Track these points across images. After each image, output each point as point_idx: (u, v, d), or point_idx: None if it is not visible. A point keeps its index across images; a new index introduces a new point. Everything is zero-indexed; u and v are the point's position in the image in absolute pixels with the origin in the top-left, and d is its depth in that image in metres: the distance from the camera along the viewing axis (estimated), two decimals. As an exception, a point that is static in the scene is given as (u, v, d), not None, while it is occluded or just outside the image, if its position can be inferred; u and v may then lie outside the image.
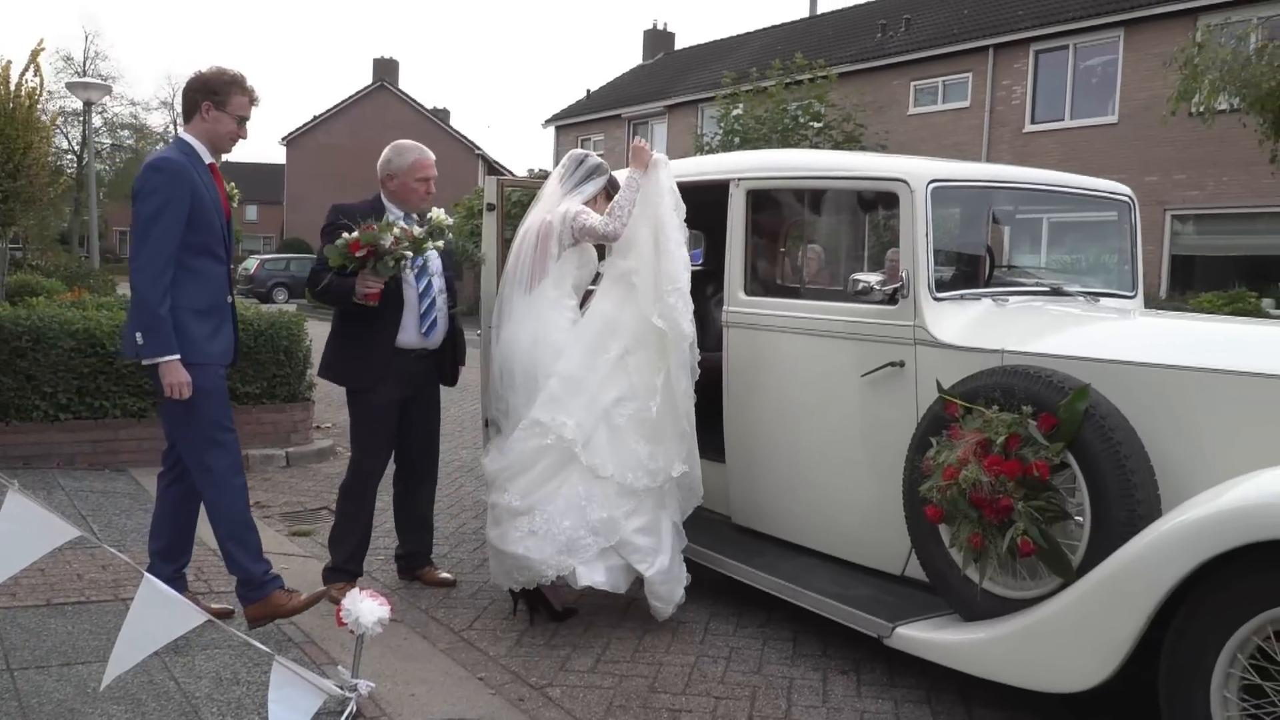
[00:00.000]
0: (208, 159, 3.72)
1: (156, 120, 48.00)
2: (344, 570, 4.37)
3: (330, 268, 4.10)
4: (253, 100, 3.80)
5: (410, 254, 4.08)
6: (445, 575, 4.73)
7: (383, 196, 4.34)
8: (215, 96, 3.70)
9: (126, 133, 46.31)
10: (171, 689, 3.27)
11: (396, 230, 4.03)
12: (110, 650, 2.83)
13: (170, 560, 3.85)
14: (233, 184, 3.96)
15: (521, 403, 4.10)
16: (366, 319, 4.20)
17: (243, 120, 3.78)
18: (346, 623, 3.08)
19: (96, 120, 38.85)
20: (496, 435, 4.32)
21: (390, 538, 5.30)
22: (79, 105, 27.52)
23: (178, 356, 3.53)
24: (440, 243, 4.29)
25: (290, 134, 52.80)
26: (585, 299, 4.37)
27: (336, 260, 4.04)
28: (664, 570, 4.03)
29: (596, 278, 4.39)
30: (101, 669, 2.91)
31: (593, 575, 3.95)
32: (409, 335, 4.30)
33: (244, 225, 55.33)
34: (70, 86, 19.58)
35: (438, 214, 4.32)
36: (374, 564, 4.84)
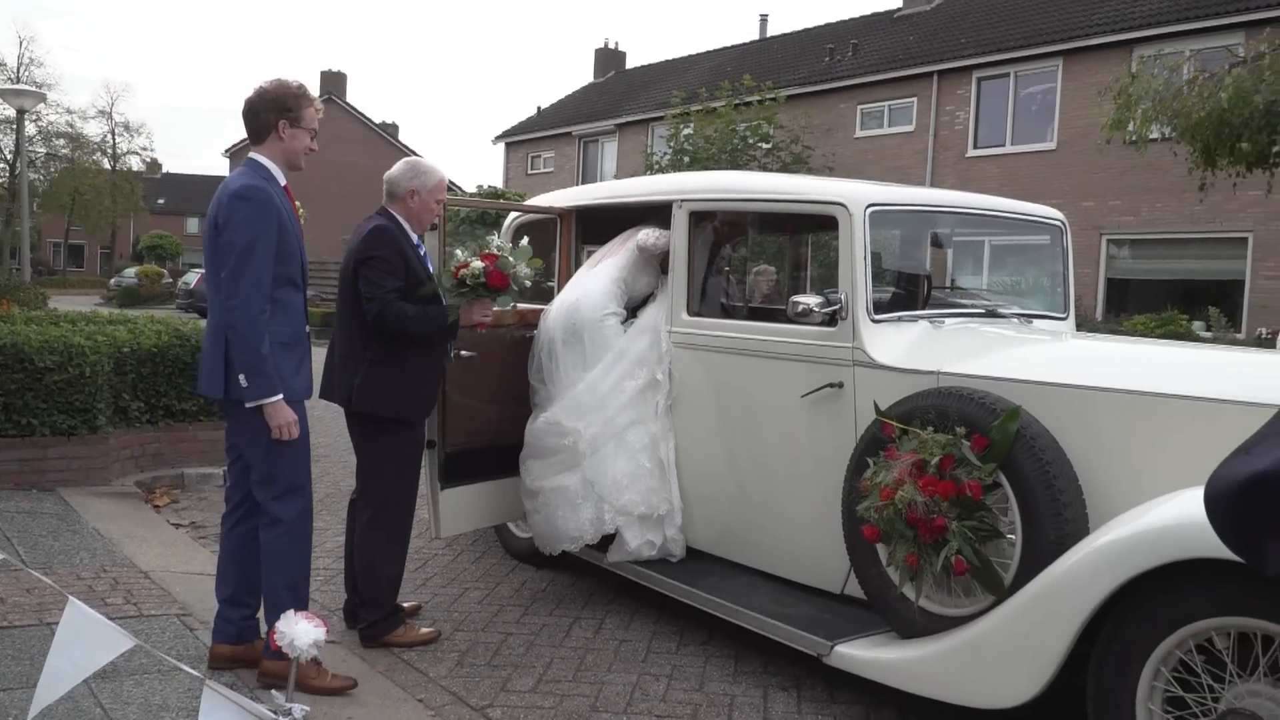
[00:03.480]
0: (282, 180, 3.54)
1: (94, 129, 47.20)
2: (398, 611, 4.22)
3: (422, 296, 3.97)
4: (318, 110, 3.64)
5: (529, 282, 4.08)
6: (427, 630, 4.28)
7: (396, 214, 4.08)
8: (290, 113, 3.51)
9: (62, 141, 45.46)
10: (98, 716, 3.19)
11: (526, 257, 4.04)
12: (34, 676, 2.76)
13: (239, 606, 3.65)
14: (299, 204, 3.79)
15: (556, 367, 4.57)
16: (424, 347, 4.04)
17: (314, 134, 3.62)
18: (281, 645, 3.03)
19: (30, 128, 38.03)
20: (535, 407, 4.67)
21: (331, 558, 5.25)
22: (12, 113, 26.89)
23: (281, 396, 3.40)
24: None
25: (234, 146, 52.12)
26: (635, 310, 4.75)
27: (451, 287, 3.96)
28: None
29: (647, 301, 4.72)
30: (25, 696, 2.84)
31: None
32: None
33: (184, 238, 54.56)
34: (2, 94, 19.10)
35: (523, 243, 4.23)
36: (313, 586, 4.76)
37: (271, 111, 3.50)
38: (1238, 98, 9.61)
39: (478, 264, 3.96)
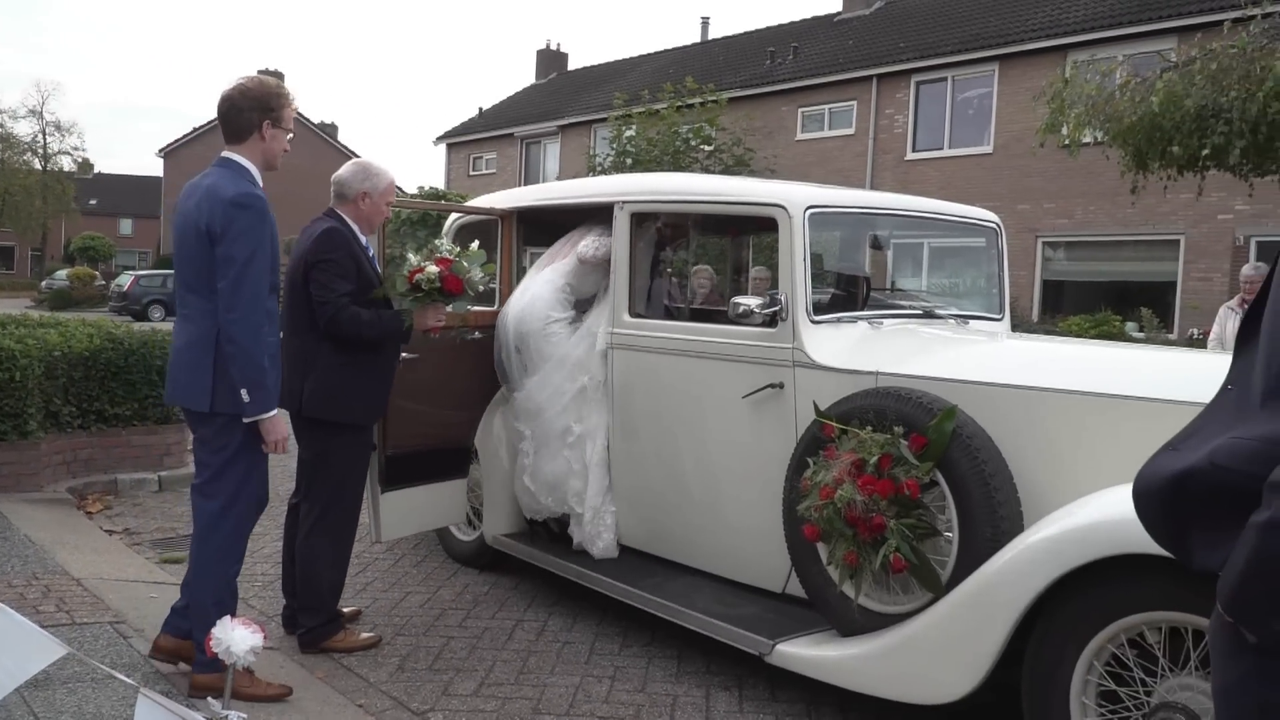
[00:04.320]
0: (260, 181, 3.45)
1: (24, 129, 46.11)
2: (339, 616, 4.16)
3: (376, 299, 3.94)
4: (295, 109, 3.56)
5: (482, 286, 4.07)
6: (367, 635, 4.21)
7: (345, 216, 4.03)
8: (273, 113, 3.43)
9: (-10, 141, 44.35)
10: (28, 726, 3.12)
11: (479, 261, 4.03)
12: (-40, 687, 2.69)
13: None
14: None
15: (510, 371, 4.77)
16: (377, 350, 3.99)
17: (291, 133, 3.56)
18: (217, 652, 2.98)
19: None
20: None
21: (269, 563, 5.17)
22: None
23: (277, 410, 3.37)
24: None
25: (169, 145, 51.18)
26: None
27: (406, 292, 3.92)
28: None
29: (591, 302, 4.77)
30: (-50, 707, 2.76)
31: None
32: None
33: (117, 239, 53.40)
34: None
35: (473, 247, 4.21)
36: (250, 590, 4.70)
37: (255, 110, 3.42)
38: (1168, 102, 9.83)
39: (433, 268, 3.94)
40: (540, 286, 4.77)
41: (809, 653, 3.46)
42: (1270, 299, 1.47)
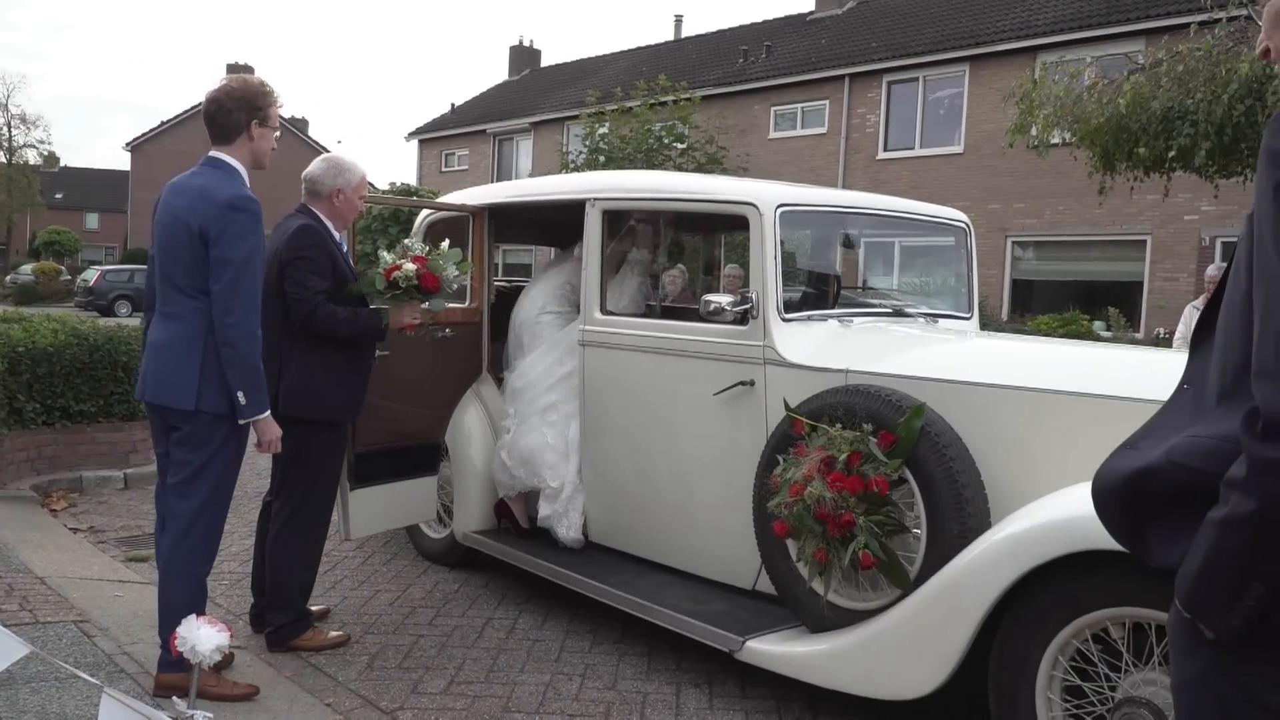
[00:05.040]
0: (248, 181, 3.44)
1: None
2: (307, 615, 4.13)
3: (354, 295, 3.92)
4: (281, 108, 3.56)
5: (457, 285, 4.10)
6: (336, 634, 4.19)
7: (319, 213, 4.00)
8: (260, 112, 3.42)
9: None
10: (-11, 727, 3.08)
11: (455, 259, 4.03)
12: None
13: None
14: None
15: (510, 359, 5.03)
16: (352, 348, 3.97)
17: (276, 131, 3.55)
18: (182, 650, 2.95)
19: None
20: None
21: (236, 561, 5.13)
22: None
23: (269, 411, 3.39)
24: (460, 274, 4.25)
25: (136, 139, 50.61)
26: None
27: (384, 290, 3.91)
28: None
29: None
30: (-92, 708, 2.72)
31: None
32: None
33: (83, 234, 52.72)
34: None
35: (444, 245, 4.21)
36: (217, 589, 4.66)
37: (243, 111, 3.42)
38: (1135, 104, 9.94)
39: (410, 266, 3.93)
40: (543, 283, 5.09)
41: (779, 649, 3.47)
42: (1225, 299, 1.48)
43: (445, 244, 4.18)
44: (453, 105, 34.57)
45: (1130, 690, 2.68)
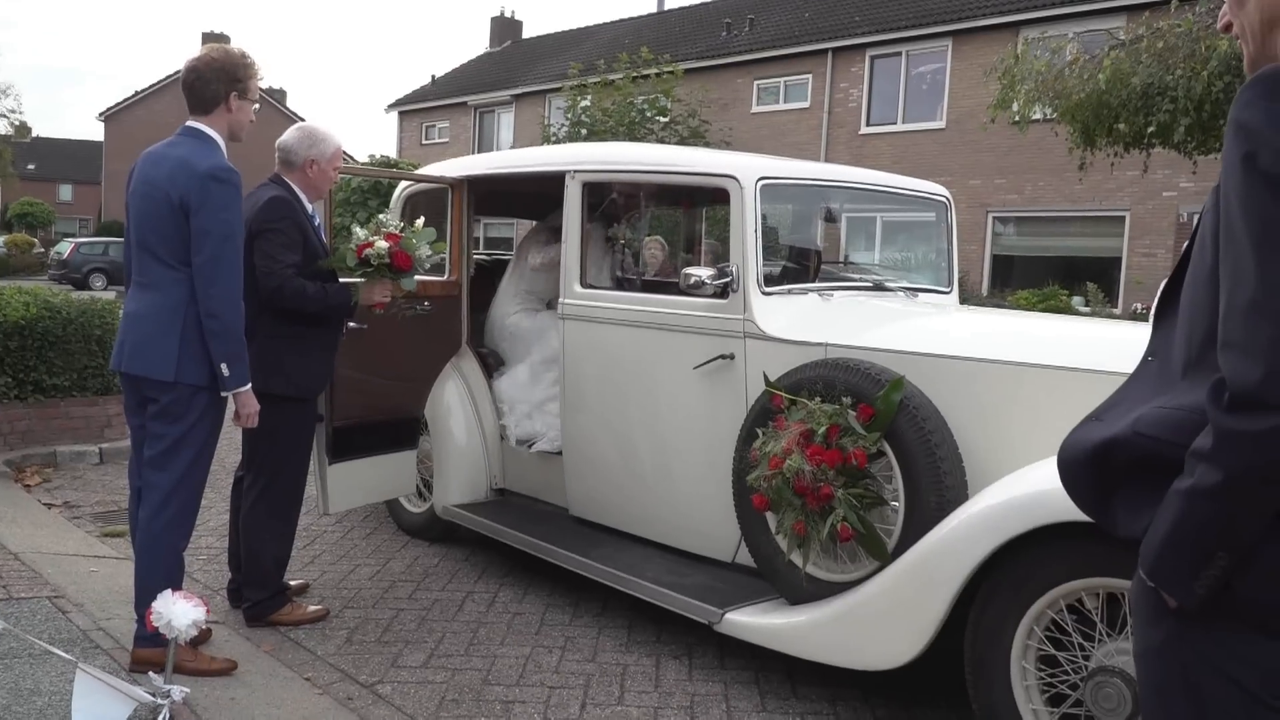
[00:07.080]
0: (226, 153, 3.40)
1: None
2: (284, 590, 4.12)
3: (324, 270, 3.87)
4: (261, 80, 3.51)
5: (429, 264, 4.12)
6: (315, 608, 4.18)
7: (291, 183, 3.94)
8: (239, 84, 3.38)
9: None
10: (-37, 702, 3.06)
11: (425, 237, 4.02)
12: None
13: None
14: None
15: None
16: (320, 323, 3.93)
17: (255, 103, 3.51)
18: (158, 625, 2.93)
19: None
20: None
21: (213, 536, 5.11)
22: None
23: (250, 384, 3.38)
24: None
25: (110, 109, 49.96)
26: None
27: (355, 267, 3.87)
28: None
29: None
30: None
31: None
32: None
33: (57, 205, 52.10)
34: None
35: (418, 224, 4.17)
36: (195, 564, 4.64)
37: (222, 82, 3.37)
38: (1115, 79, 9.96)
39: (382, 244, 3.88)
40: (501, 294, 5.30)
41: (758, 621, 3.49)
42: (1190, 271, 1.48)
43: (419, 222, 4.14)
44: (433, 77, 34.29)
45: (1103, 659, 2.70)
